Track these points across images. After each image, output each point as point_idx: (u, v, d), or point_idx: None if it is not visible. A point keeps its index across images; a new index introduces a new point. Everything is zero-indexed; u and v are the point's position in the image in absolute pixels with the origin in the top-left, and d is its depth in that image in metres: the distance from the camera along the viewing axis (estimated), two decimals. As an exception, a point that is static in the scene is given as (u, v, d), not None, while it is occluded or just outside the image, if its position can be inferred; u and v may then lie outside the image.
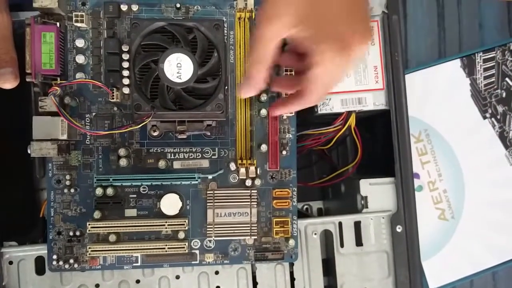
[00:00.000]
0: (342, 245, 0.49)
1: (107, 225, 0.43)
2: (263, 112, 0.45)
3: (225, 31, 0.44)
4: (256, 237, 0.46)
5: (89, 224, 0.42)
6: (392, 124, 0.49)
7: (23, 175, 0.53)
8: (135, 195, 0.45)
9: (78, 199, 0.44)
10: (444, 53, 0.68)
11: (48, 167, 0.44)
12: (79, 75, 0.44)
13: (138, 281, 0.46)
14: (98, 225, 0.43)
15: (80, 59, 0.43)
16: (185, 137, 0.44)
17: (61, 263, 0.44)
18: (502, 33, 0.68)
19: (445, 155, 0.65)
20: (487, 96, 0.65)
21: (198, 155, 0.45)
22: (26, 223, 0.51)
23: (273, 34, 0.36)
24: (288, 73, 0.45)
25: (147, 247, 0.43)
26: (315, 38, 0.36)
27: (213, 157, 0.45)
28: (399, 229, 0.49)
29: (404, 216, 0.49)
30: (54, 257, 0.44)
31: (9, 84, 0.41)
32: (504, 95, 0.65)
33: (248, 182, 0.45)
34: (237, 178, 0.46)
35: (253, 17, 0.45)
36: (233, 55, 0.45)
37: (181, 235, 0.44)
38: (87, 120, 0.44)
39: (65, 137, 0.42)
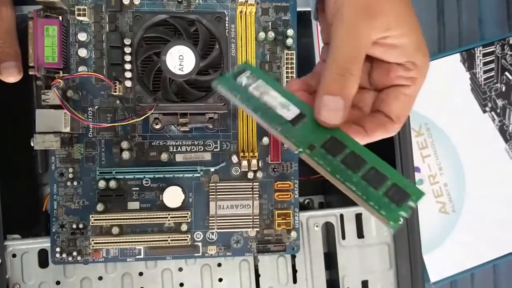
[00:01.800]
0: (343, 237, 0.49)
1: (110, 218, 0.43)
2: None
3: (227, 24, 0.45)
4: (258, 229, 0.46)
5: (92, 217, 0.43)
6: (393, 117, 0.49)
7: (25, 170, 0.53)
8: (137, 188, 0.45)
9: (81, 192, 0.44)
10: (444, 48, 0.68)
11: (51, 160, 0.44)
12: (81, 68, 0.44)
13: (141, 274, 0.47)
14: (101, 218, 0.43)
15: (83, 52, 0.44)
16: (187, 130, 0.44)
17: (64, 255, 0.44)
18: (502, 28, 0.68)
19: (445, 149, 0.65)
20: (487, 90, 0.65)
21: (200, 148, 0.45)
22: (29, 219, 0.51)
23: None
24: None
25: (150, 240, 0.43)
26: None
27: (215, 150, 0.46)
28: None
29: (405, 208, 0.49)
30: (57, 249, 0.44)
31: (13, 77, 0.41)
32: (503, 89, 0.65)
33: (250, 175, 0.45)
34: (239, 170, 0.46)
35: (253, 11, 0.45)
36: (234, 48, 0.45)
37: (184, 227, 0.45)
38: (90, 113, 0.44)
39: (68, 130, 0.42)
